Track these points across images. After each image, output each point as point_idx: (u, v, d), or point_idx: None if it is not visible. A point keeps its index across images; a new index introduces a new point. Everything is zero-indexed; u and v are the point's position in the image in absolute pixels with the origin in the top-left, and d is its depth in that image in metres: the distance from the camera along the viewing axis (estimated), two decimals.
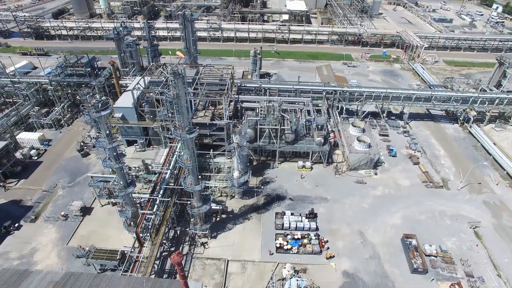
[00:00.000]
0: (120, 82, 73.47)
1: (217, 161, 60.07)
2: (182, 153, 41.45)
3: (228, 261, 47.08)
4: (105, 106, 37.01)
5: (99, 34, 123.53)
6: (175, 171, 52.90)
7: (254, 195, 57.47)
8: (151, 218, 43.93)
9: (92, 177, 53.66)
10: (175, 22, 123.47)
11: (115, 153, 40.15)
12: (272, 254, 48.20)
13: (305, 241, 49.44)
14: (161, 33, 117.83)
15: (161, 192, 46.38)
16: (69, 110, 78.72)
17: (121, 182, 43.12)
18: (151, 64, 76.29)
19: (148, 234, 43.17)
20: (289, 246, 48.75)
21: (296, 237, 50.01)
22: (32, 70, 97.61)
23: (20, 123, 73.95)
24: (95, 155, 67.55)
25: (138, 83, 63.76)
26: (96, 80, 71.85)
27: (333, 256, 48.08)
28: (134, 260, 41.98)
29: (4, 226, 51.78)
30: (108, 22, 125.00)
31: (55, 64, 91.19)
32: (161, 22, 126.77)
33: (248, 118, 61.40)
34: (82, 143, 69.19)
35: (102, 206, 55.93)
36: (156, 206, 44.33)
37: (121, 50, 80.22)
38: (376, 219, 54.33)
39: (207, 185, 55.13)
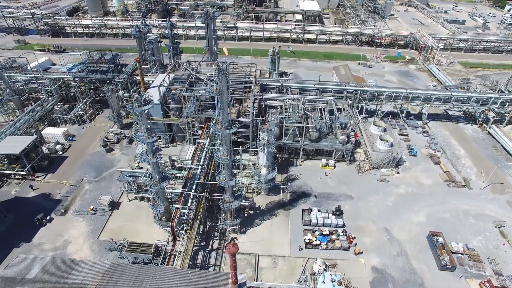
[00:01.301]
0: (147, 79, 74.31)
1: (244, 158, 60.93)
2: (220, 148, 42.17)
3: (258, 256, 47.91)
4: (147, 101, 37.92)
5: (114, 32, 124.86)
6: (205, 167, 53.67)
7: (280, 191, 58.26)
8: (185, 212, 44.64)
9: (121, 172, 54.43)
10: (190, 21, 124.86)
11: (153, 148, 40.93)
12: (302, 249, 48.98)
13: (334, 237, 50.20)
14: (176, 31, 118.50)
15: (193, 187, 47.10)
16: (91, 106, 79.73)
17: (157, 177, 43.97)
18: (174, 61, 77.17)
19: (182, 228, 43.87)
20: (318, 242, 49.50)
21: (324, 233, 50.84)
22: (51, 67, 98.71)
23: (44, 119, 74.95)
24: (119, 150, 68.51)
25: (163, 80, 64.56)
26: (119, 77, 72.63)
27: (361, 252, 48.81)
28: (169, 254, 42.73)
29: (38, 218, 52.75)
30: (123, 20, 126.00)
31: (74, 60, 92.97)
32: (174, 20, 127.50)
33: (273, 116, 62.14)
34: (105, 139, 70.15)
35: (130, 200, 56.76)
36: (190, 200, 45.06)
37: (142, 48, 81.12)
38: (401, 216, 55.01)
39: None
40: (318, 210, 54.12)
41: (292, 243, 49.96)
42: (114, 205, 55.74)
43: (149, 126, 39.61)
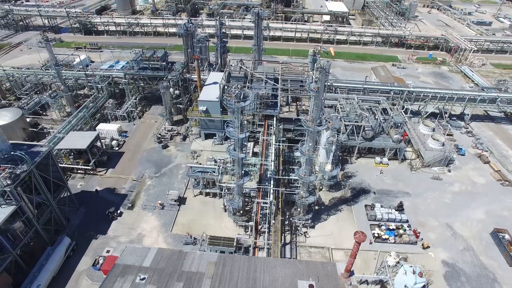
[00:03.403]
0: (194, 76, 75.82)
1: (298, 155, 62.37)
2: (305, 144, 43.64)
3: (332, 249, 49.44)
4: (245, 98, 39.37)
5: (145, 31, 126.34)
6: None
7: (341, 187, 59.80)
8: (266, 207, 46.09)
9: (191, 167, 55.82)
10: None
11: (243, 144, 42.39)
12: (371, 243, 50.52)
13: (401, 231, 51.75)
14: (207, 30, 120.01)
15: (272, 182, 48.55)
16: (139, 103, 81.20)
17: (238, 173, 45.41)
18: (221, 59, 78.71)
19: (265, 222, 45.31)
20: (386, 236, 51.08)
21: (390, 227, 52.40)
22: (90, 64, 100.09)
23: (95, 115, 76.34)
24: (174, 147, 69.96)
25: (223, 78, 66.01)
26: (171, 74, 74.00)
27: (429, 247, 50.33)
28: (253, 247, 44.10)
29: (110, 212, 54.24)
30: (156, 18, 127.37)
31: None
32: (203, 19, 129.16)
33: (331, 115, 63.55)
34: (159, 135, 71.61)
35: (195, 196, 58.21)
36: (271, 195, 46.48)
37: (188, 46, 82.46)
38: (460, 213, 56.51)
39: (293, 178, 57.42)
40: (381, 206, 55.71)
41: None
42: (180, 201, 57.18)
43: (241, 122, 40.93)
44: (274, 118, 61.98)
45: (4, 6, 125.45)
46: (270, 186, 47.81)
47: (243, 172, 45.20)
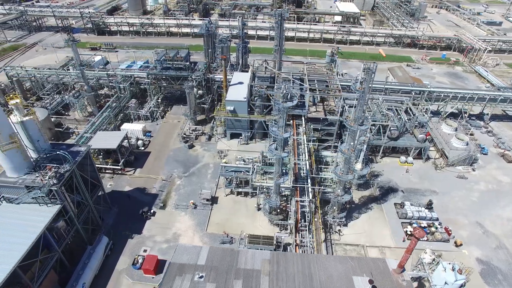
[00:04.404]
0: (217, 77, 76.29)
1: (325, 154, 63.05)
2: (345, 143, 44.21)
3: (366, 246, 50.02)
4: (291, 98, 39.89)
5: (158, 31, 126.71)
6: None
7: (370, 186, 60.44)
8: (304, 205, 46.64)
9: (224, 166, 56.23)
10: (232, 20, 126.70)
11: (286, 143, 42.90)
12: (405, 240, 51.13)
13: (433, 229, 52.43)
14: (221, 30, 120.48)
15: (308, 180, 49.11)
16: (162, 103, 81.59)
17: (278, 171, 45.90)
18: (242, 60, 79.10)
19: (306, 220, 45.84)
20: None
21: (422, 225, 53.05)
22: (107, 64, 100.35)
23: (117, 115, 76.61)
24: (200, 146, 70.39)
25: (250, 78, 66.49)
26: (195, 74, 74.38)
27: (462, 244, 51.00)
28: (295, 245, 44.60)
29: (143, 211, 54.59)
30: (169, 18, 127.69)
31: (126, 58, 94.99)
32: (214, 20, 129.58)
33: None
34: (184, 135, 72.01)
35: (226, 195, 58.63)
36: (311, 193, 47.04)
37: (208, 46, 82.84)
38: (489, 212, 57.21)
39: (323, 176, 58.04)
40: (411, 204, 56.38)
41: (393, 234, 52.16)
42: (212, 200, 57.50)
43: (284, 122, 41.43)
44: (302, 118, 62.52)
45: (19, 7, 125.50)
46: (307, 185, 48.36)
47: (283, 171, 45.67)
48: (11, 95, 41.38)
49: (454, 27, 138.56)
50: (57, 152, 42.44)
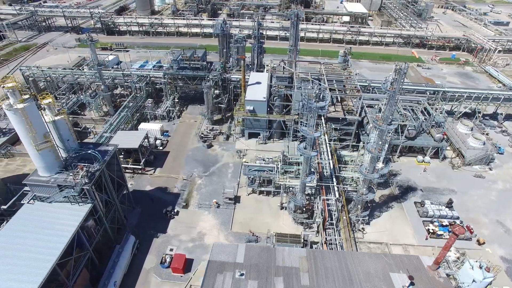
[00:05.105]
0: (233, 77, 76.69)
1: (344, 153, 63.57)
2: (372, 141, 44.67)
3: (390, 244, 50.50)
4: (324, 98, 40.31)
5: (167, 31, 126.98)
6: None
7: (390, 185, 60.95)
8: (332, 203, 47.07)
9: (247, 165, 56.59)
10: (241, 20, 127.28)
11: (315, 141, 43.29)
12: (427, 239, 51.66)
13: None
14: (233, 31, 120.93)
15: (333, 179, 49.53)
16: (178, 102, 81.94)
17: (305, 171, 46.30)
18: (257, 60, 79.48)
19: (332, 219, 46.30)
20: (441, 232, 52.25)
21: (444, 224, 53.59)
22: (120, 63, 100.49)
23: (134, 115, 76.88)
24: (218, 146, 70.72)
25: (268, 78, 66.90)
26: (211, 74, 74.73)
27: (484, 242, 51.51)
28: (323, 243, 45.06)
29: (167, 211, 54.88)
30: (179, 19, 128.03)
31: (138, 57, 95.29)
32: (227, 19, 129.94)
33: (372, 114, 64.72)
34: (201, 135, 72.34)
35: (248, 194, 58.98)
36: (337, 192, 47.49)
37: (224, 46, 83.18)
38: (509, 210, 57.75)
39: (344, 175, 58.46)
40: (431, 203, 56.89)
41: (415, 232, 52.66)
42: (235, 199, 57.80)
43: (314, 122, 41.85)
44: (322, 118, 62.96)
45: (29, 7, 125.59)
46: (333, 183, 48.81)
47: (310, 170, 46.10)
48: (43, 95, 41.71)
49: (461, 27, 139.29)
50: (88, 152, 42.79)
